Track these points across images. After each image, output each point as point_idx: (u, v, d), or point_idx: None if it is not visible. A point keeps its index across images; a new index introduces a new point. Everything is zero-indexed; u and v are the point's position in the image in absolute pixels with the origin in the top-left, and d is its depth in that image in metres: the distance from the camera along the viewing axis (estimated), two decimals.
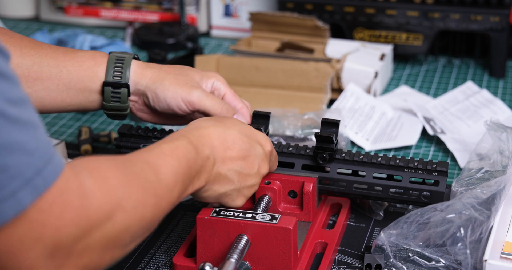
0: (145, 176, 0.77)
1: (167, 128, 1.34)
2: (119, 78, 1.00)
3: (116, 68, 1.00)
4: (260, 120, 1.07)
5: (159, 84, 1.01)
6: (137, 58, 1.04)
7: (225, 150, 0.91)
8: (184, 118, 1.06)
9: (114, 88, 1.00)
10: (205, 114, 1.02)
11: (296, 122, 1.32)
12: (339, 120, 1.05)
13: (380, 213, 1.10)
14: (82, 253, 0.69)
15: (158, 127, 1.36)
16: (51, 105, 1.01)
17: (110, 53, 1.02)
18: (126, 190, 0.73)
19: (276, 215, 0.93)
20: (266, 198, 1.03)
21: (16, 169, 0.63)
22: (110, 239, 0.71)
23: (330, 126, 1.05)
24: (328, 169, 1.05)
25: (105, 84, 1.00)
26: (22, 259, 0.65)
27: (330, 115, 1.31)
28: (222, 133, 0.91)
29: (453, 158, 1.26)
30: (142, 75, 1.01)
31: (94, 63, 1.01)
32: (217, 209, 0.95)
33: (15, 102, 0.64)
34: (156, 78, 1.01)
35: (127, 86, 1.01)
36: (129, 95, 1.02)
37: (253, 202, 1.05)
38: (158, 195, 0.78)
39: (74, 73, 1.00)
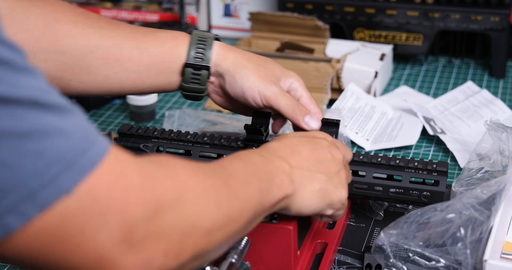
0: (212, 167, 0.74)
1: (167, 128, 1.34)
2: (200, 59, 0.99)
3: (198, 49, 0.99)
4: (260, 119, 1.07)
5: (239, 70, 0.99)
6: (218, 39, 1.02)
7: (292, 155, 0.87)
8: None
9: (195, 69, 0.99)
10: (276, 112, 1.01)
11: None
12: (339, 120, 1.05)
13: (380, 213, 1.10)
14: (159, 236, 0.65)
15: (158, 127, 1.36)
16: (130, 87, 0.99)
17: (190, 32, 1.01)
18: (192, 176, 0.70)
19: (276, 215, 0.93)
20: None
21: (55, 153, 0.59)
22: (187, 222, 0.67)
23: (330, 126, 1.05)
24: None
25: (186, 65, 0.99)
26: (90, 238, 0.61)
27: (330, 115, 1.31)
28: (283, 143, 0.88)
29: (453, 158, 1.26)
30: (224, 58, 1.00)
31: (176, 44, 0.99)
32: None
33: (45, 91, 0.61)
34: (238, 64, 1.00)
35: (207, 68, 0.99)
36: (208, 77, 1.01)
37: None
38: (229, 185, 0.74)
39: (155, 54, 0.98)
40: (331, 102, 1.42)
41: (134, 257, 0.64)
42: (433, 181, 1.03)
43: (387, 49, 1.52)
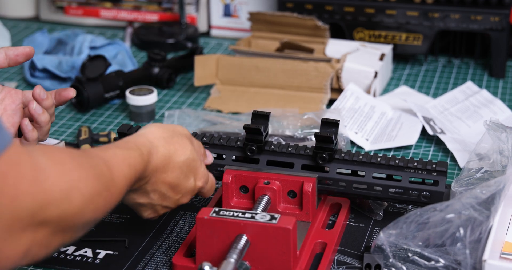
0: (100, 169, 0.79)
1: None
2: None
3: None
4: (259, 120, 1.07)
5: None
6: None
7: (162, 173, 0.94)
8: None
9: None
10: None
11: (296, 122, 1.32)
12: (338, 120, 1.05)
13: (380, 213, 1.10)
14: (37, 227, 0.70)
15: None
16: None
17: None
18: (82, 175, 0.75)
19: (276, 215, 0.93)
20: (266, 198, 1.03)
21: None
22: (66, 218, 0.73)
23: (330, 126, 1.05)
24: (327, 169, 1.05)
25: None
26: None
27: (330, 115, 1.31)
28: (168, 158, 0.94)
29: (453, 158, 1.26)
30: None
31: None
32: (217, 209, 0.95)
33: None
34: None
35: None
36: None
37: (253, 202, 1.05)
38: (110, 191, 0.80)
39: None
40: (331, 102, 1.42)
41: (12, 246, 0.68)
42: (432, 181, 1.03)
43: (387, 49, 1.52)
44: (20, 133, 1.03)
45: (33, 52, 1.05)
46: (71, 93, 1.06)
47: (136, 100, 1.38)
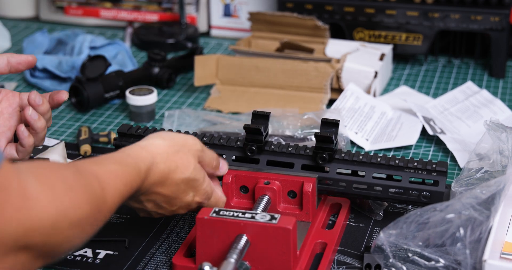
0: (93, 191, 0.78)
1: (166, 128, 1.34)
2: None
3: None
4: (259, 120, 1.07)
5: None
6: None
7: (158, 187, 0.92)
8: None
9: None
10: None
11: (296, 122, 1.32)
12: (338, 120, 1.05)
13: (380, 213, 1.10)
14: (20, 251, 0.70)
15: (158, 127, 1.36)
16: None
17: None
18: (72, 201, 0.74)
19: (276, 215, 0.93)
20: (266, 198, 1.03)
21: None
22: (50, 244, 0.72)
23: (330, 126, 1.05)
24: (327, 169, 1.05)
25: None
26: None
27: (330, 115, 1.31)
28: (166, 174, 0.92)
29: (453, 158, 1.26)
30: None
31: None
32: (217, 209, 0.95)
33: None
34: None
35: None
36: None
37: (253, 202, 1.05)
38: (101, 212, 0.79)
39: None
40: (331, 102, 1.42)
41: None
42: (432, 181, 1.03)
43: (387, 49, 1.52)
44: (16, 138, 1.02)
45: (35, 61, 1.05)
46: (64, 96, 1.05)
47: (136, 100, 1.38)
